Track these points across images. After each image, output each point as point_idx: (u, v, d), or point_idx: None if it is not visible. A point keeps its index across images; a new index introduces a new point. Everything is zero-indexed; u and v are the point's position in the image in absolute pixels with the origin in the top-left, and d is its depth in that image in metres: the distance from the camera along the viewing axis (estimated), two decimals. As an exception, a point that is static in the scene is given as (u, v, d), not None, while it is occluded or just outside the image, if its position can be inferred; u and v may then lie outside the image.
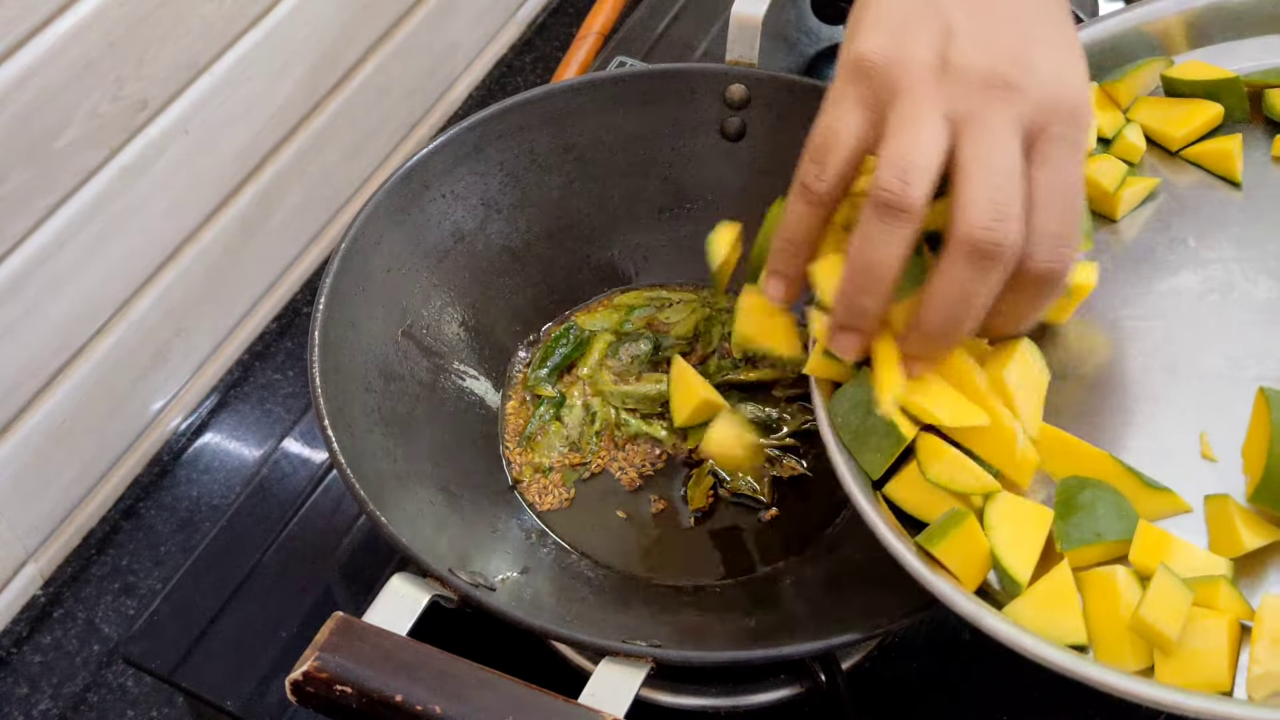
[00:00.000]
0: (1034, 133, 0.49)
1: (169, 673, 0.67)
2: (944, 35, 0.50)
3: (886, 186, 0.48)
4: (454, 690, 0.49)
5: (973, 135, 0.48)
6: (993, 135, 0.48)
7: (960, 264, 0.48)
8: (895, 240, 0.49)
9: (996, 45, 0.49)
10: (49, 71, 0.64)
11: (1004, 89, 0.48)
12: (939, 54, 0.49)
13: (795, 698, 0.64)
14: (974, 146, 0.48)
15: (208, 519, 0.78)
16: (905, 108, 0.49)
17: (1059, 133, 0.49)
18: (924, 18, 0.50)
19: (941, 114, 0.49)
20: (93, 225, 0.71)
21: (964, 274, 0.48)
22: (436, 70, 0.97)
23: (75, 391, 0.74)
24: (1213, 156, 0.63)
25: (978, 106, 0.48)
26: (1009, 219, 0.48)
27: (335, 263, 0.65)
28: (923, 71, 0.49)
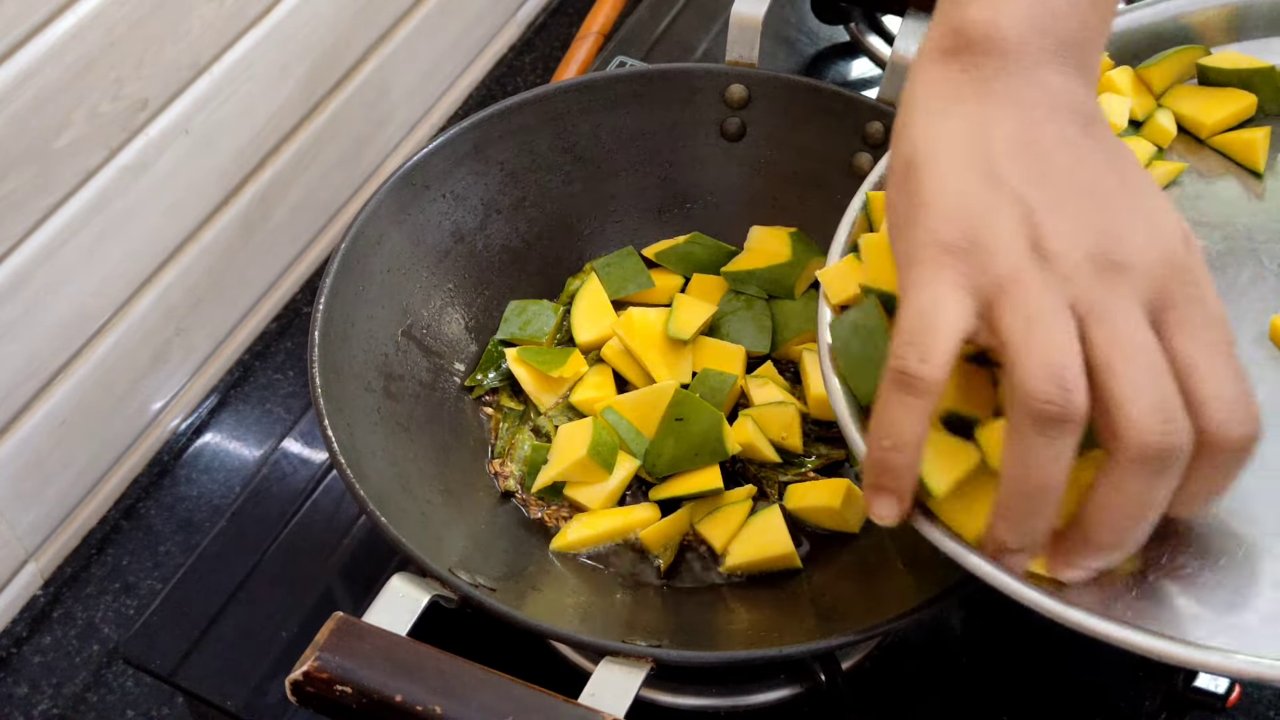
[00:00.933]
0: (1160, 306, 0.44)
1: (169, 673, 0.67)
2: (1024, 216, 0.45)
3: (1046, 397, 0.42)
4: (454, 690, 0.49)
5: (1104, 327, 0.44)
6: (1124, 324, 0.44)
7: (1133, 474, 0.44)
8: (1062, 454, 0.43)
9: (1084, 222, 0.45)
10: (49, 71, 0.64)
11: (1114, 270, 0.44)
12: (1028, 239, 0.45)
13: (795, 698, 0.64)
14: (1109, 339, 0.43)
15: (208, 519, 0.78)
16: (1023, 303, 0.44)
17: (1184, 294, 0.44)
18: (994, 196, 0.46)
19: (1064, 306, 0.44)
20: (93, 225, 0.71)
21: (1138, 485, 0.44)
22: (436, 70, 0.97)
23: (75, 391, 0.74)
24: (1237, 145, 0.63)
25: (1096, 295, 0.44)
26: (1177, 417, 0.43)
27: (335, 263, 0.65)
28: (1021, 259, 0.44)
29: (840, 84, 0.79)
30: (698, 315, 0.70)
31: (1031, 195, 0.46)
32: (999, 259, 0.45)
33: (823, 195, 0.73)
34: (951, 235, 0.45)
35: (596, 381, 0.70)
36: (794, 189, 0.74)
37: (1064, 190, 0.46)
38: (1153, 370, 0.43)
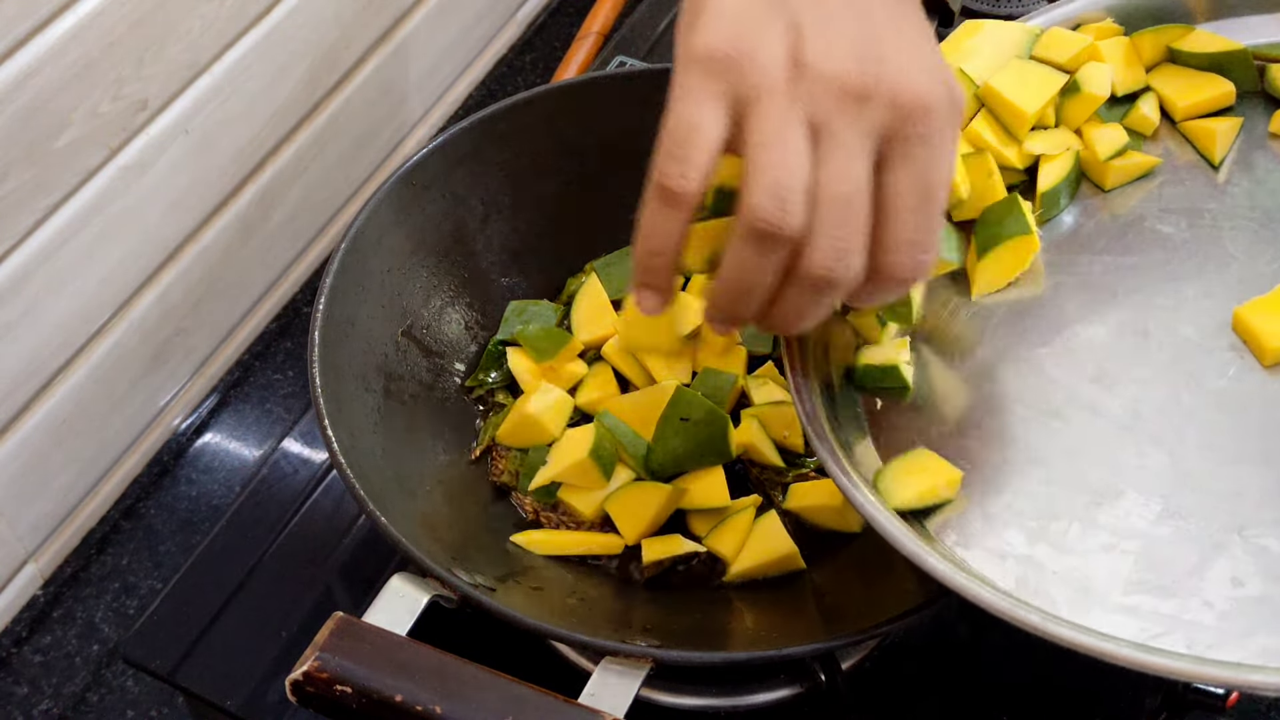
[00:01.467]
0: (889, 137, 0.48)
1: (169, 673, 0.67)
2: (793, 32, 0.48)
3: (765, 215, 0.47)
4: (454, 690, 0.49)
5: (827, 152, 0.47)
6: (844, 156, 0.47)
7: (801, 289, 0.49)
8: (772, 265, 0.48)
9: (846, 46, 0.48)
10: (49, 71, 0.64)
11: (857, 96, 0.47)
12: (791, 53, 0.48)
13: (795, 698, 0.64)
14: (827, 168, 0.47)
15: (208, 519, 0.78)
16: (766, 116, 0.48)
17: (915, 132, 0.48)
18: (770, 11, 0.49)
19: (801, 123, 0.47)
20: (93, 225, 0.71)
21: (804, 298, 0.49)
22: (436, 70, 0.97)
23: (75, 391, 0.74)
24: (1199, 133, 0.63)
25: (832, 116, 0.47)
26: (848, 256, 0.48)
27: (335, 263, 0.65)
28: (777, 73, 0.48)
29: (840, 84, 0.79)
30: (698, 314, 0.70)
31: (806, 16, 0.48)
32: (756, 72, 0.48)
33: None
34: (720, 45, 0.48)
35: (599, 382, 0.70)
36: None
37: (841, 17, 0.48)
38: (848, 210, 0.47)
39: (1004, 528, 0.53)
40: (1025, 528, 0.53)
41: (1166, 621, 0.49)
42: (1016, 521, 0.53)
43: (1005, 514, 0.53)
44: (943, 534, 0.53)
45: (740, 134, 0.48)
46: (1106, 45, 0.64)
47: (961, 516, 0.54)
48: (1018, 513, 0.53)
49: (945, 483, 0.54)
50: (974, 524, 0.53)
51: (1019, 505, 0.54)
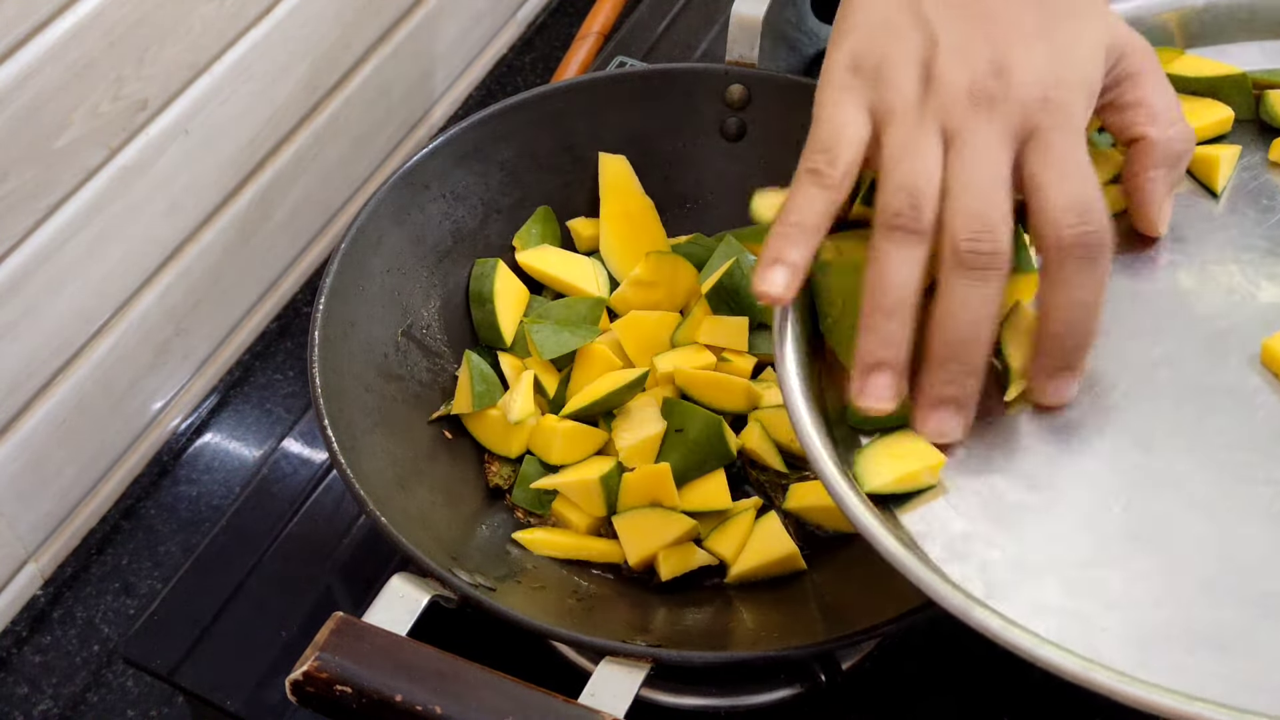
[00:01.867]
0: (1025, 135, 0.50)
1: (169, 673, 0.67)
2: (928, 44, 0.51)
3: (897, 211, 0.49)
4: (454, 690, 0.49)
5: (958, 153, 0.50)
6: (976, 150, 0.49)
7: (955, 278, 0.49)
8: (911, 257, 0.49)
9: (978, 53, 0.50)
10: (49, 71, 0.64)
11: (987, 103, 0.50)
12: (924, 66, 0.51)
13: (795, 698, 0.64)
14: (959, 164, 0.50)
15: (208, 519, 0.78)
16: (901, 130, 0.50)
17: (1048, 124, 0.50)
18: (906, 23, 0.52)
19: (934, 134, 0.50)
20: (93, 225, 0.71)
21: (963, 288, 0.49)
22: (436, 70, 0.97)
23: (75, 391, 0.74)
24: (1198, 161, 0.61)
25: (964, 123, 0.50)
26: (992, 226, 0.49)
27: (335, 263, 0.65)
28: (909, 88, 0.51)
29: (840, 84, 0.79)
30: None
31: (940, 25, 0.51)
32: (892, 86, 0.51)
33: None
34: (860, 59, 0.52)
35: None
36: (794, 189, 0.74)
37: (973, 21, 0.51)
38: (983, 190, 0.49)
39: (1039, 578, 0.49)
40: (1063, 578, 0.49)
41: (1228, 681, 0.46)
42: (1051, 571, 0.49)
43: (1037, 564, 0.50)
44: (967, 583, 0.49)
45: (878, 147, 0.51)
46: None
47: (988, 564, 0.50)
48: (1052, 562, 0.50)
49: (926, 468, 0.52)
50: (1003, 574, 0.50)
51: (1052, 553, 0.50)
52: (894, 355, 0.50)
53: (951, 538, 0.51)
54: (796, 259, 0.51)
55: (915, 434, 0.52)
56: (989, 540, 0.50)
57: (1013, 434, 0.54)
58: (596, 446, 0.67)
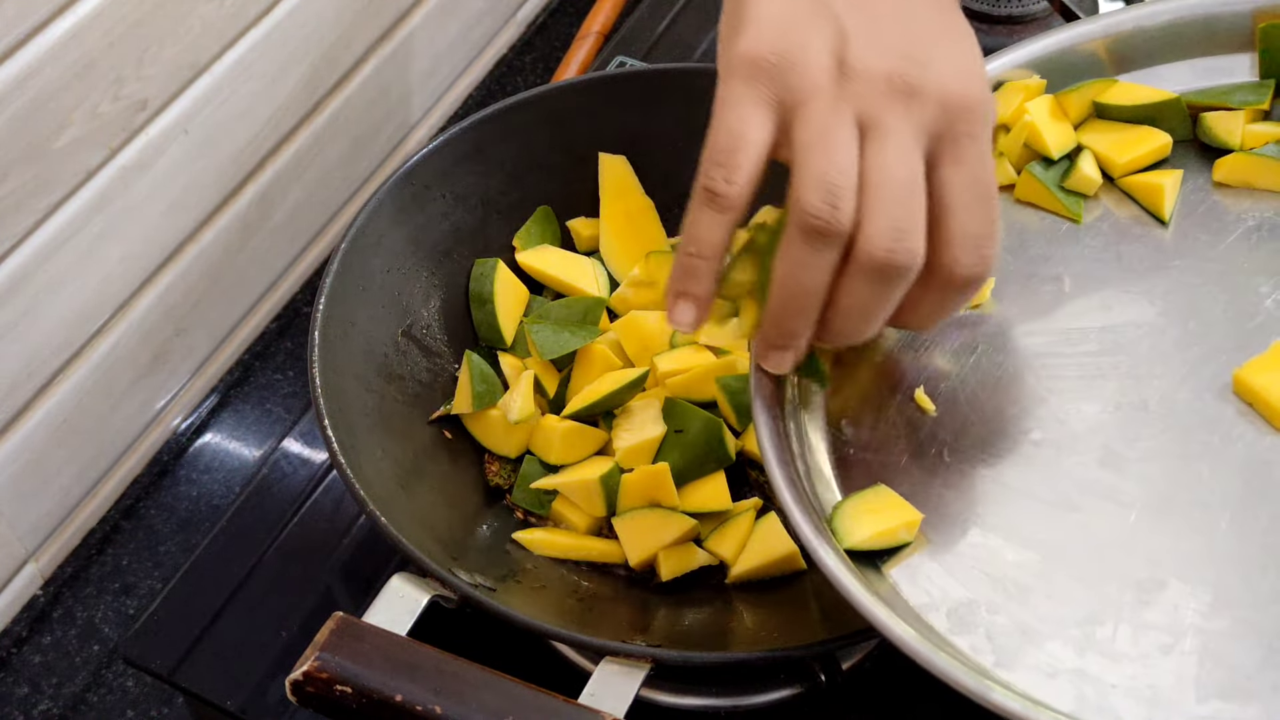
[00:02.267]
0: (939, 135, 0.48)
1: (169, 673, 0.67)
2: (838, 36, 0.48)
3: (815, 212, 0.47)
4: (454, 690, 0.49)
5: (876, 147, 0.47)
6: (895, 147, 0.47)
7: (861, 280, 0.48)
8: (825, 263, 0.48)
9: (891, 46, 0.48)
10: (49, 71, 0.64)
11: (905, 93, 0.47)
12: (835, 56, 0.48)
13: (795, 698, 0.64)
14: (878, 159, 0.47)
15: (208, 519, 0.78)
16: (813, 117, 0.48)
17: (965, 130, 0.48)
18: (813, 17, 0.49)
19: (850, 123, 0.48)
20: (93, 225, 0.71)
21: (866, 290, 0.48)
22: (436, 70, 0.97)
23: (75, 391, 0.74)
24: (1142, 189, 0.61)
25: (881, 113, 0.47)
26: (908, 238, 0.47)
27: (335, 263, 0.65)
28: (822, 75, 0.48)
29: (840, 84, 0.79)
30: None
31: (850, 19, 0.49)
32: (803, 75, 0.48)
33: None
34: (764, 51, 0.48)
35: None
36: (794, 189, 0.74)
37: (882, 17, 0.49)
38: (902, 195, 0.47)
39: (1045, 640, 0.49)
40: (1068, 637, 0.48)
41: None
42: (1057, 632, 0.49)
43: (1042, 625, 0.49)
44: (978, 654, 0.49)
45: (787, 139, 0.48)
46: (1034, 105, 0.62)
47: (993, 630, 0.49)
48: (1056, 621, 0.49)
49: (903, 525, 0.52)
50: (1009, 640, 0.49)
51: (1055, 613, 0.49)
52: (797, 343, 0.51)
53: (955, 606, 0.50)
54: (700, 291, 0.51)
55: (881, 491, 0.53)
56: (992, 606, 0.50)
57: (1001, 489, 0.53)
58: (596, 446, 0.67)
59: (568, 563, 0.65)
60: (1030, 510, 0.52)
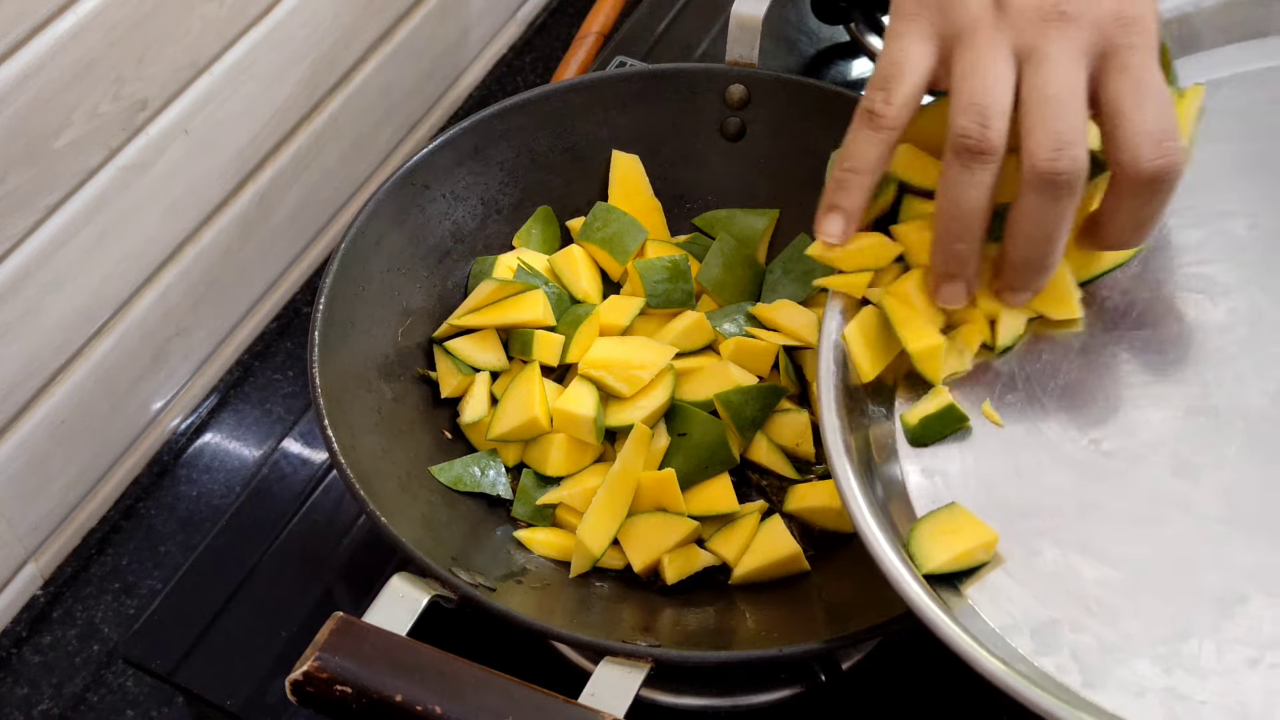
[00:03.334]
0: (1101, 52, 0.50)
1: (169, 673, 0.67)
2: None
3: (965, 132, 0.50)
4: (454, 690, 0.49)
5: (1034, 69, 0.50)
6: (1053, 66, 0.50)
7: (1032, 198, 0.50)
8: (980, 182, 0.50)
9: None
10: (49, 71, 0.64)
11: (1059, 19, 0.50)
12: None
13: (795, 698, 0.64)
14: (1035, 79, 0.50)
15: (208, 519, 0.78)
16: (970, 49, 0.51)
17: (1124, 42, 0.50)
18: None
19: (1006, 52, 0.50)
20: (93, 225, 0.71)
21: (1038, 206, 0.50)
22: (436, 70, 0.97)
23: (75, 391, 0.74)
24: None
25: (1038, 40, 0.50)
26: (1071, 145, 0.49)
27: (335, 263, 0.65)
28: (979, 9, 0.51)
29: (840, 84, 0.79)
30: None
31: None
32: (962, 9, 0.51)
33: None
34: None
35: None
36: (794, 189, 0.74)
37: None
38: (1060, 107, 0.49)
39: (1131, 659, 0.48)
40: (1155, 655, 0.48)
41: None
42: (1143, 649, 0.48)
43: (1127, 643, 0.48)
44: (1064, 674, 0.48)
45: (947, 71, 0.52)
46: None
47: (1078, 650, 0.49)
48: (1141, 639, 0.48)
49: (981, 545, 0.51)
50: (1095, 659, 0.48)
51: (1139, 630, 0.49)
52: (966, 270, 0.54)
53: (1037, 626, 0.50)
54: (851, 205, 0.54)
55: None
56: (1075, 624, 0.49)
57: (1075, 504, 0.52)
58: (594, 456, 0.67)
59: (568, 563, 0.65)
60: (1106, 524, 0.52)
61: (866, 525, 0.51)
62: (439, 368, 0.69)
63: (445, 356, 0.69)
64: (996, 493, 0.54)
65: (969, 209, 0.51)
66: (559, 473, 0.66)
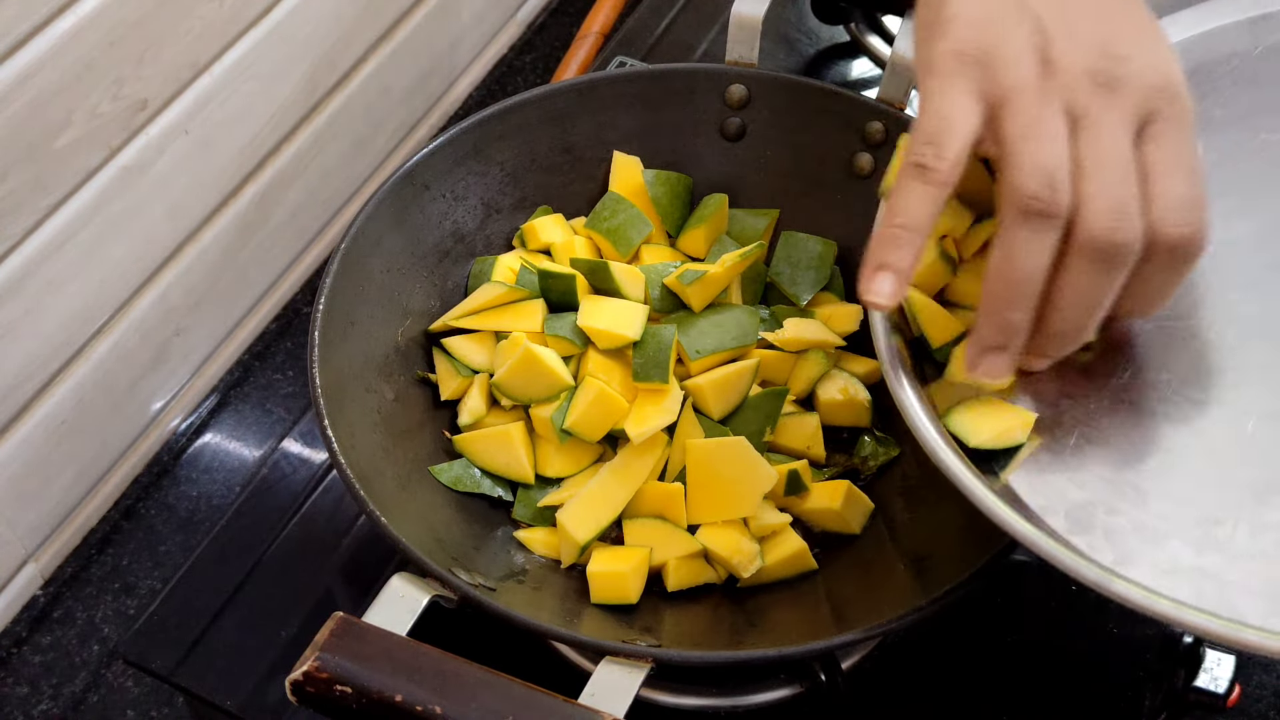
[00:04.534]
0: (1144, 121, 0.49)
1: (169, 673, 0.67)
2: (1039, 34, 0.50)
3: (1035, 194, 0.48)
4: (454, 690, 0.49)
5: (1089, 135, 0.49)
6: (1108, 134, 0.49)
7: (1084, 266, 0.49)
8: (1045, 247, 0.48)
9: (1091, 43, 0.50)
10: (49, 71, 0.64)
11: (1109, 85, 0.49)
12: (1038, 51, 0.50)
13: (795, 698, 0.64)
14: (1090, 146, 0.49)
15: (208, 519, 0.78)
16: (1023, 109, 0.49)
17: (1167, 115, 0.49)
18: (1014, 13, 0.50)
19: (1060, 114, 0.49)
20: (93, 225, 0.71)
21: (1089, 277, 0.49)
22: (436, 70, 0.97)
23: (75, 391, 0.74)
24: None
25: (1089, 105, 0.49)
26: (1130, 217, 0.48)
27: (335, 263, 0.65)
28: (1028, 70, 0.49)
29: (840, 84, 0.79)
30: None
31: (1047, 14, 0.50)
32: (1009, 70, 0.49)
33: (823, 195, 0.73)
34: (969, 46, 0.50)
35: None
36: (794, 189, 0.74)
37: (1078, 12, 0.51)
38: (1119, 176, 0.48)
39: (1164, 540, 0.49)
40: (1187, 537, 0.49)
41: None
42: (1176, 531, 0.49)
43: (1160, 524, 0.50)
44: (1096, 553, 0.49)
45: (995, 131, 0.50)
46: None
47: (1111, 530, 0.50)
48: (1175, 521, 0.50)
49: (1020, 424, 0.53)
50: (1128, 539, 0.50)
51: (1173, 513, 0.50)
52: (1014, 343, 0.51)
53: (1072, 507, 0.51)
54: (902, 264, 0.50)
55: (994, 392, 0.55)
56: (1111, 507, 0.51)
57: (1112, 402, 0.54)
58: (594, 456, 0.67)
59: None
60: (1144, 421, 0.53)
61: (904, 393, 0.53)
62: (438, 369, 0.69)
63: (445, 358, 0.69)
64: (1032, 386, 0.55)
65: (1030, 274, 0.49)
66: (559, 474, 0.66)
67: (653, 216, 0.73)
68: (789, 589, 0.63)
